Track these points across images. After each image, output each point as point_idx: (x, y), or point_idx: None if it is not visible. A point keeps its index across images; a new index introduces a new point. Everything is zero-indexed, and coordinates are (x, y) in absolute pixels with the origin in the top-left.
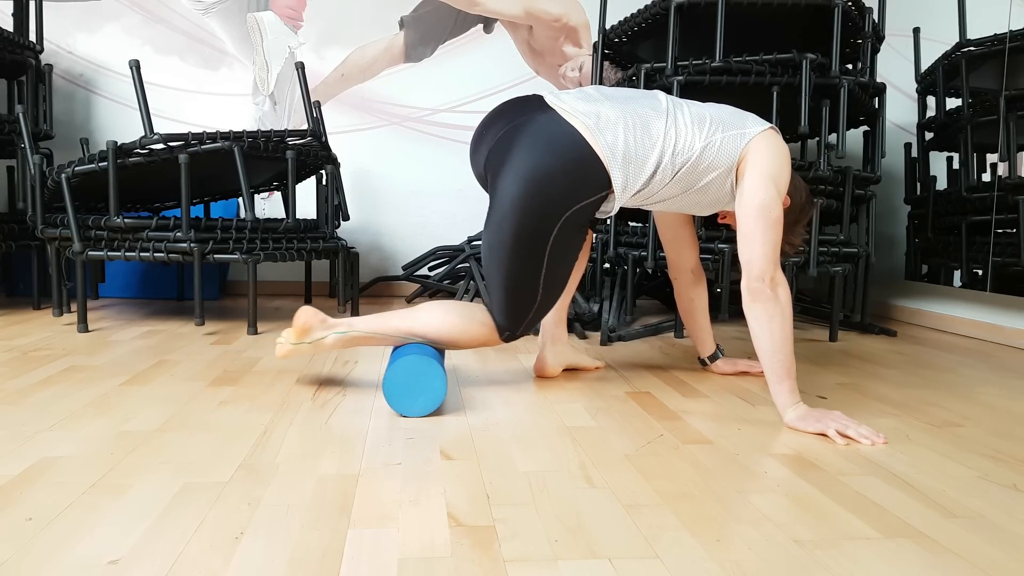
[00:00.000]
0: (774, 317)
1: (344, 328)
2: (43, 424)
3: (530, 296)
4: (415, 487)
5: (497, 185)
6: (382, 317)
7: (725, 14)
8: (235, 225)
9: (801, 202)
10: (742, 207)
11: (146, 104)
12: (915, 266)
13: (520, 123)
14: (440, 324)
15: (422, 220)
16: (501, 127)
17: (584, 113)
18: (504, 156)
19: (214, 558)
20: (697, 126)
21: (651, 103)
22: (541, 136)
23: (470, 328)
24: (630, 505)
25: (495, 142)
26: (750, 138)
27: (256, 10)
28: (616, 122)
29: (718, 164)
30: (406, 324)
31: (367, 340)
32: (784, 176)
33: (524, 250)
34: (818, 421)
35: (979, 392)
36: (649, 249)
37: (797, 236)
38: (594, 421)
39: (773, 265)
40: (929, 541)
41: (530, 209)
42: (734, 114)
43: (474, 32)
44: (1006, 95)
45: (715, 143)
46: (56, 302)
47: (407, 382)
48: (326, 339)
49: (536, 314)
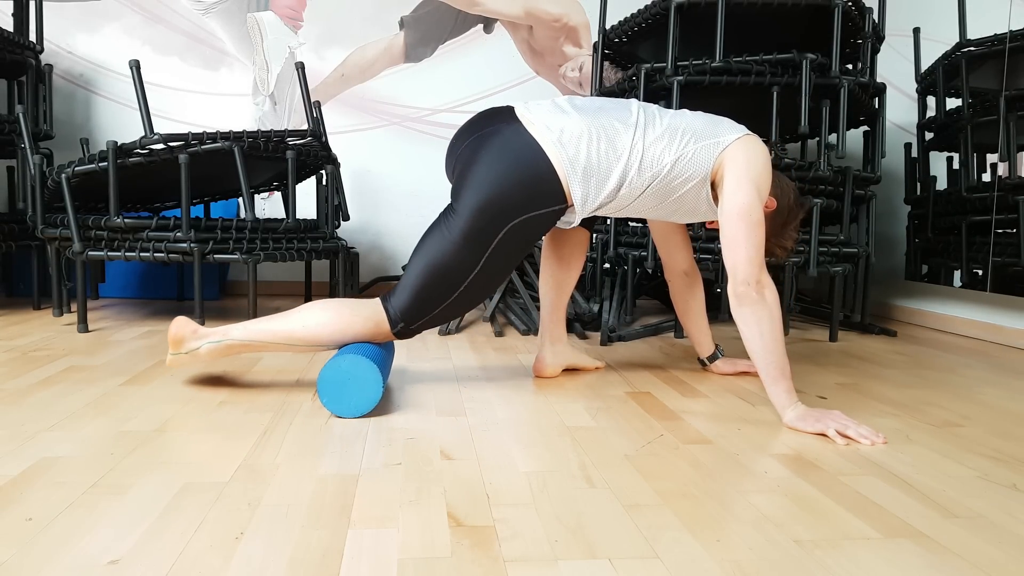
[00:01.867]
0: (762, 319)
1: (218, 337)
2: (43, 424)
3: (448, 290)
4: (415, 487)
5: (459, 191)
6: (258, 322)
7: (725, 14)
8: (235, 225)
9: (789, 204)
10: (723, 213)
11: (146, 104)
12: (915, 266)
13: (486, 134)
14: (318, 325)
15: (422, 220)
16: (469, 138)
17: (548, 127)
18: (468, 165)
19: (214, 558)
20: (668, 138)
21: (620, 115)
22: (504, 147)
23: (353, 324)
24: (630, 505)
25: (462, 151)
26: (724, 147)
27: (256, 10)
28: (580, 136)
29: (691, 175)
30: (284, 327)
31: (247, 348)
32: (764, 178)
33: (467, 246)
34: (818, 421)
35: (979, 392)
36: (649, 249)
37: (788, 239)
38: (594, 421)
39: (758, 268)
40: (929, 541)
41: (483, 214)
42: (708, 122)
43: (474, 32)
44: (1006, 95)
45: (687, 155)
46: (56, 302)
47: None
48: (199, 350)
49: (440, 314)
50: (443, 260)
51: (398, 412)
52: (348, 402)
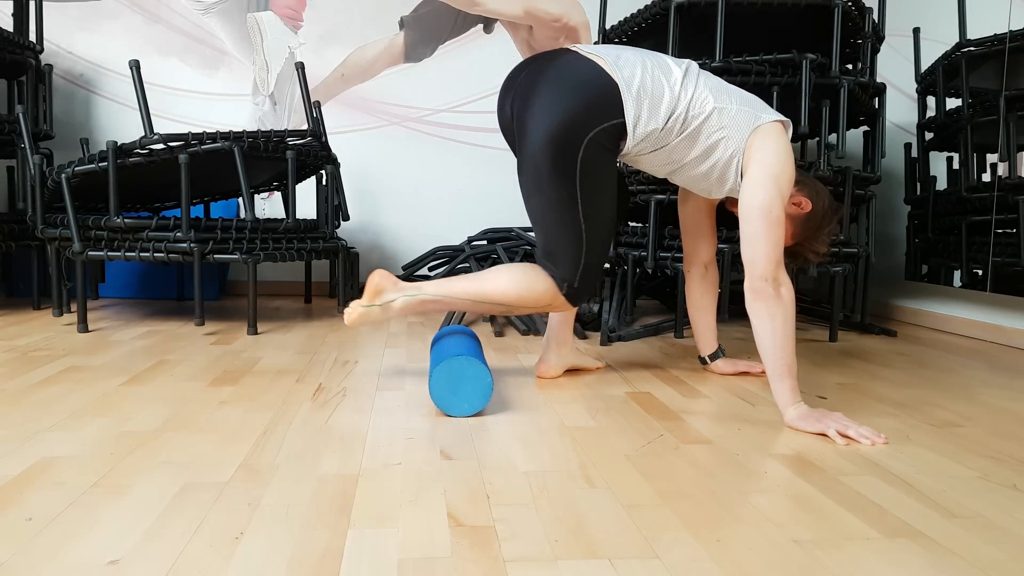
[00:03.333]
0: (776, 315)
1: (413, 291)
2: (43, 424)
3: (574, 231)
4: (415, 487)
5: (525, 121)
6: (450, 281)
7: (725, 14)
8: (235, 225)
9: (823, 208)
10: (744, 207)
11: (146, 104)
12: (915, 266)
13: (543, 65)
14: (507, 285)
15: (422, 220)
16: (526, 74)
17: (604, 54)
18: (529, 94)
19: (214, 558)
20: (714, 91)
21: (673, 59)
22: (563, 71)
23: (535, 285)
24: (630, 505)
25: (519, 85)
26: (762, 122)
27: (256, 10)
28: (635, 62)
29: (726, 132)
30: (473, 286)
31: (436, 304)
32: (786, 175)
33: (556, 177)
34: (818, 421)
35: (979, 392)
36: (649, 249)
37: (822, 244)
38: (594, 421)
39: (776, 265)
40: (929, 541)
41: (555, 136)
42: (753, 98)
43: (474, 32)
44: (1006, 95)
45: (729, 110)
46: (56, 302)
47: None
48: (395, 302)
49: (588, 259)
50: (549, 208)
51: (398, 412)
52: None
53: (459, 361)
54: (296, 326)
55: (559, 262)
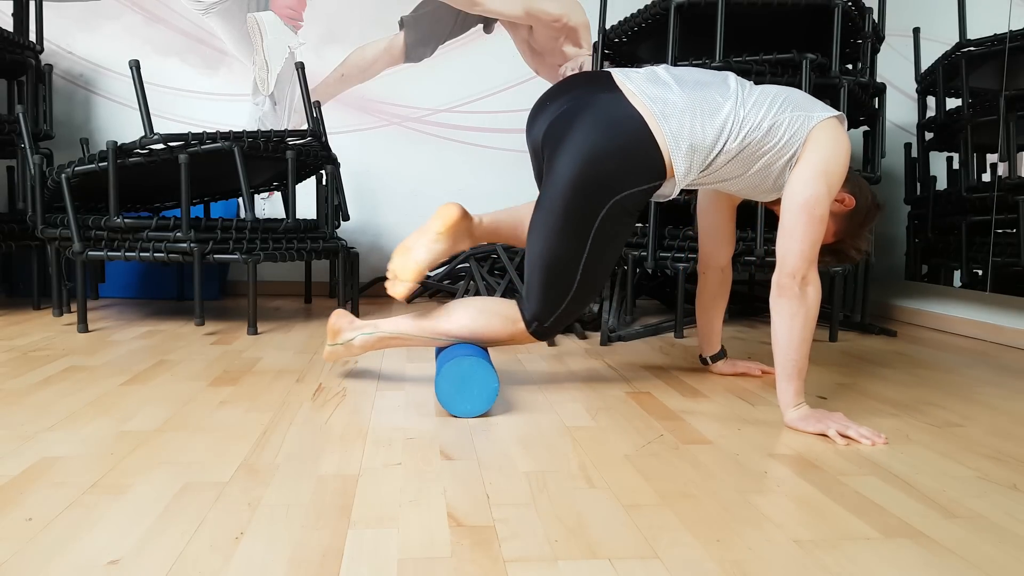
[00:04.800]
0: (797, 315)
1: (370, 329)
2: (43, 424)
3: (567, 281)
4: (415, 487)
5: (554, 160)
6: (406, 318)
7: (725, 14)
8: (235, 225)
9: (867, 204)
10: (788, 199)
11: (146, 104)
12: (915, 266)
13: (584, 100)
14: (467, 322)
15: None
16: (564, 102)
17: (651, 98)
18: (563, 132)
19: (214, 558)
20: (767, 105)
21: (720, 90)
22: (603, 116)
23: (492, 323)
24: (630, 505)
25: (556, 116)
26: (816, 121)
27: (256, 10)
28: (683, 110)
29: (782, 144)
30: (432, 324)
31: (396, 341)
32: (838, 172)
33: (569, 228)
34: (819, 422)
35: (979, 392)
36: (649, 249)
37: (863, 240)
38: (594, 421)
39: (808, 263)
40: (929, 541)
41: (582, 188)
42: (804, 97)
43: (474, 32)
44: (1006, 95)
45: (782, 122)
46: (56, 302)
47: (460, 383)
48: (354, 340)
49: (569, 307)
50: (552, 253)
51: (398, 412)
52: (465, 403)
53: (468, 362)
54: (296, 326)
55: (537, 301)
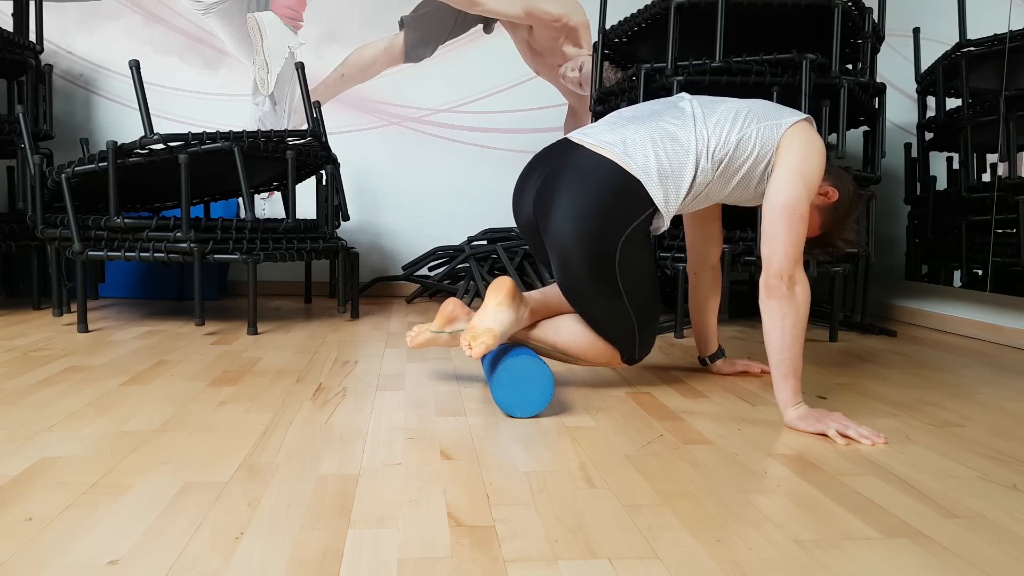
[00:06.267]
0: (787, 315)
1: None
2: (43, 424)
3: (626, 324)
4: (415, 487)
5: (549, 227)
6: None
7: (725, 14)
8: (235, 225)
9: (849, 195)
10: (768, 203)
11: (146, 104)
12: (915, 266)
13: (556, 166)
14: (578, 338)
15: (422, 220)
16: (540, 174)
17: (610, 142)
18: (550, 198)
19: (214, 558)
20: (731, 121)
21: (675, 114)
22: (578, 172)
23: (596, 346)
24: (630, 505)
25: (537, 190)
26: (785, 127)
27: (256, 10)
28: (643, 142)
29: (754, 155)
30: (541, 333)
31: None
32: (815, 172)
33: (599, 287)
34: (818, 421)
35: (979, 392)
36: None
37: (849, 231)
38: (594, 421)
39: (793, 263)
40: (929, 541)
41: (588, 247)
42: (769, 106)
43: (474, 32)
44: (1006, 95)
45: (750, 135)
46: (56, 302)
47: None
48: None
49: (642, 335)
50: (600, 313)
51: (398, 412)
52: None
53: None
54: (296, 326)
55: (616, 342)
